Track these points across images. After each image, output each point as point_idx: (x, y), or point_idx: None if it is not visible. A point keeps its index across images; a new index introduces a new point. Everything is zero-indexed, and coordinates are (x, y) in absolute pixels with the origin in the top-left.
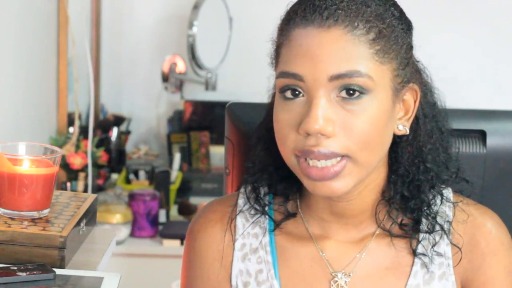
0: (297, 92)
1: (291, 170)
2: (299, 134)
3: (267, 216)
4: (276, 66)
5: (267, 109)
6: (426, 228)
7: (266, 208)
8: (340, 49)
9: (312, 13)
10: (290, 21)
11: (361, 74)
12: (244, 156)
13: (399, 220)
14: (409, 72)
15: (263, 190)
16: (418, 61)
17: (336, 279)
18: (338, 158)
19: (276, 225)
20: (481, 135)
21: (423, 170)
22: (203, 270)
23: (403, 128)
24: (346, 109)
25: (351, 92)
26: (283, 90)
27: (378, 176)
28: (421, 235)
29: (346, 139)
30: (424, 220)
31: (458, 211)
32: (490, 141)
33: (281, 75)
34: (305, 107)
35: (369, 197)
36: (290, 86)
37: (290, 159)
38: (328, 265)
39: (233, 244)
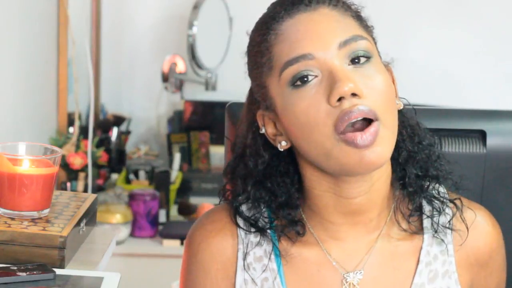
0: (305, 78)
1: (329, 155)
2: (331, 106)
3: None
4: (271, 69)
5: (248, 146)
6: (432, 211)
7: (268, 231)
8: (335, 21)
9: (292, 4)
10: (272, 21)
11: (363, 37)
12: None
13: (406, 211)
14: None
15: (261, 210)
16: None
17: (348, 279)
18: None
19: (280, 233)
20: (481, 135)
21: (422, 147)
22: (206, 281)
23: (399, 102)
24: (361, 74)
25: (357, 60)
26: (293, 79)
27: (387, 167)
28: (426, 235)
29: (373, 99)
30: (431, 204)
31: (461, 211)
32: (490, 141)
33: (288, 64)
34: (324, 82)
35: (380, 191)
36: (301, 72)
37: (330, 140)
38: (337, 267)
39: (236, 254)
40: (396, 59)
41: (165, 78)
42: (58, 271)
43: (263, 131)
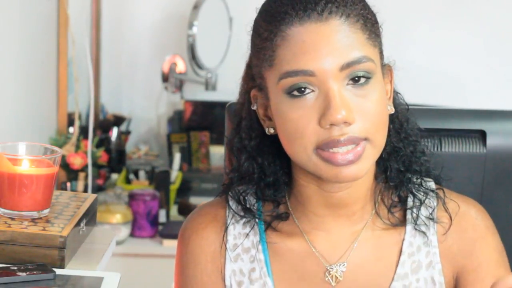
0: (302, 89)
1: (304, 166)
2: (320, 127)
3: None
4: (271, 68)
5: (244, 118)
6: (413, 203)
7: (257, 217)
8: (343, 38)
9: (305, 10)
10: (281, 21)
11: (368, 59)
12: None
13: (389, 203)
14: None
15: (250, 199)
16: None
17: (331, 271)
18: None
19: (268, 225)
20: (481, 135)
21: (407, 143)
22: (197, 272)
23: (390, 108)
24: (357, 95)
25: (357, 79)
26: (290, 89)
27: None
28: (409, 226)
29: (364, 123)
30: (413, 196)
31: (443, 201)
32: (490, 141)
33: (287, 74)
34: (319, 100)
35: (363, 185)
36: (299, 84)
37: (307, 154)
38: (321, 259)
39: (225, 245)
40: (396, 59)
41: (165, 78)
42: (58, 271)
43: (255, 107)
